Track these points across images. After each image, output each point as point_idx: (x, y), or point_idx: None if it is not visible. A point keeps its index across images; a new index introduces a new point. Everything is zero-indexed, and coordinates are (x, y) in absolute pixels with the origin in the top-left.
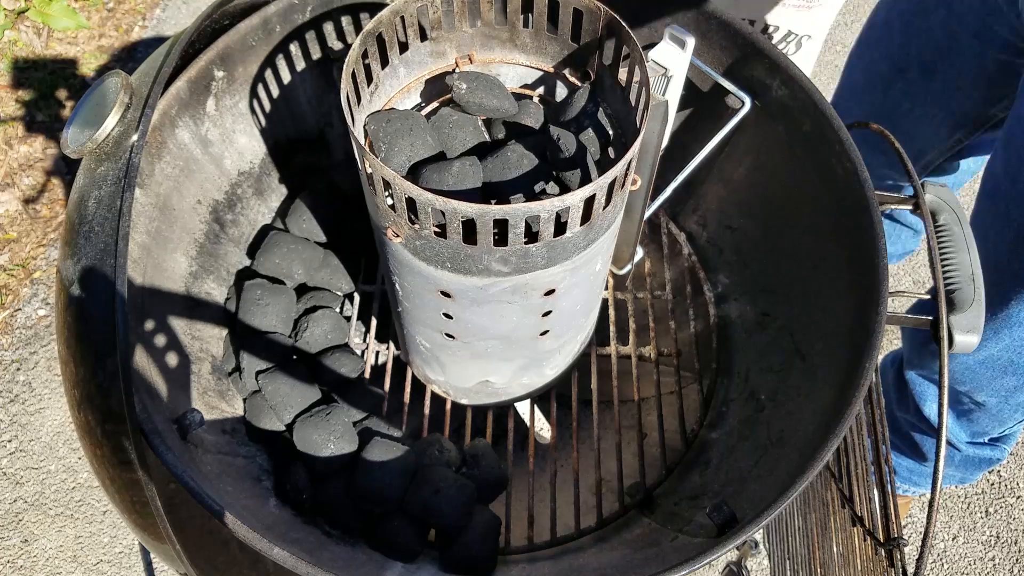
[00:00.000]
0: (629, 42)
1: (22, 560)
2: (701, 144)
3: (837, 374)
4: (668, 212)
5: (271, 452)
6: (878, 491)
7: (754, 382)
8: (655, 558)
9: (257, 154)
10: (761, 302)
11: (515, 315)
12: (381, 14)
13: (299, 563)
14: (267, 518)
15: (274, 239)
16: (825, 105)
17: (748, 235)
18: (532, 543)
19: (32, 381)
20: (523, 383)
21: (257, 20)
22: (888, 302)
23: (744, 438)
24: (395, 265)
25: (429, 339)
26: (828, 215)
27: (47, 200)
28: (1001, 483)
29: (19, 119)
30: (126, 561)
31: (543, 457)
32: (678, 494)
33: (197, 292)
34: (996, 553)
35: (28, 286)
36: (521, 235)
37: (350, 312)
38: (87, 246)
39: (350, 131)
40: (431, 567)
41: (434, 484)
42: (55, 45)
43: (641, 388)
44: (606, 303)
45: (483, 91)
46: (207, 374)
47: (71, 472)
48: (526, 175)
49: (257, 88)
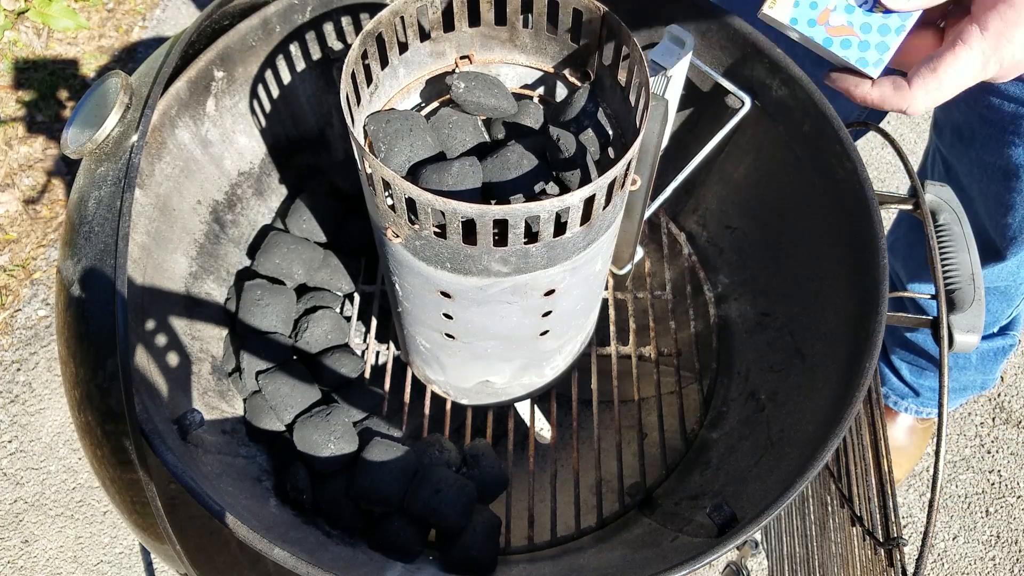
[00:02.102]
0: (629, 42)
1: (22, 560)
2: (701, 144)
3: (837, 374)
4: (668, 212)
5: (271, 452)
6: (877, 491)
7: (754, 382)
8: (655, 558)
9: (257, 154)
10: (761, 302)
11: (515, 315)
12: (381, 14)
13: (299, 563)
14: (267, 518)
15: (274, 239)
16: (825, 105)
17: (748, 235)
18: (532, 543)
19: (32, 381)
20: (523, 383)
21: (257, 20)
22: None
23: (744, 438)
24: (395, 265)
25: (429, 339)
26: (828, 215)
27: (47, 200)
28: (1001, 483)
29: (19, 119)
30: (126, 561)
31: (543, 457)
32: (678, 494)
33: (197, 292)
34: (996, 553)
35: (28, 286)
36: (521, 235)
37: (350, 312)
38: (87, 246)
39: (350, 132)
40: (431, 567)
41: (434, 484)
42: (55, 45)
43: (641, 388)
44: (606, 303)
45: (482, 91)
46: (207, 374)
47: (71, 472)
48: (526, 175)
49: (257, 88)
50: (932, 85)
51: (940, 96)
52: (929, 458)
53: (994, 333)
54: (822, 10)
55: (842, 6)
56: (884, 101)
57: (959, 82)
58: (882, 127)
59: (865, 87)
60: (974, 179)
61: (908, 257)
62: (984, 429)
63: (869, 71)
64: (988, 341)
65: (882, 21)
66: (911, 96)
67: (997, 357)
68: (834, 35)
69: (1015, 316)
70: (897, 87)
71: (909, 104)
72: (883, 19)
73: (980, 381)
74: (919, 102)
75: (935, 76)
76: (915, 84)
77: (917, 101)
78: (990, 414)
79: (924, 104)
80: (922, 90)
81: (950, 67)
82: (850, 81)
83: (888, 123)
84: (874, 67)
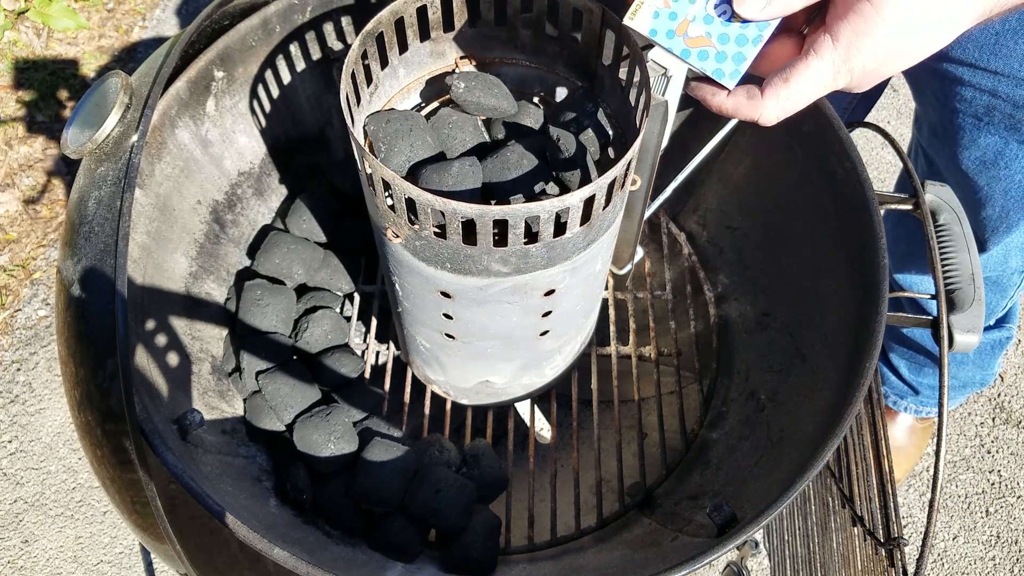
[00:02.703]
0: (629, 42)
1: (22, 560)
2: (701, 144)
3: (837, 374)
4: (668, 212)
5: (271, 452)
6: (878, 491)
7: (754, 382)
8: (655, 558)
9: (257, 154)
10: (761, 302)
11: (515, 315)
12: (381, 14)
13: (299, 563)
14: (267, 518)
15: (274, 239)
16: (825, 105)
17: (748, 235)
18: (532, 543)
19: (32, 381)
20: (523, 383)
21: (257, 20)
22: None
23: (744, 438)
24: (395, 265)
25: (429, 339)
26: (828, 215)
27: (47, 200)
28: (1001, 483)
29: (19, 119)
30: (126, 561)
31: (543, 457)
32: (678, 494)
33: (197, 292)
34: (996, 553)
35: (28, 286)
36: (521, 235)
37: (350, 312)
38: (87, 246)
39: (350, 132)
40: (431, 567)
41: (434, 484)
42: (55, 45)
43: (641, 388)
44: (606, 303)
45: (482, 91)
46: (207, 374)
47: (71, 472)
48: (526, 175)
49: (257, 88)
50: (783, 95)
51: (792, 106)
52: (929, 458)
53: (990, 326)
54: (680, 21)
55: (701, 17)
56: (738, 111)
57: (810, 92)
58: (882, 127)
59: (720, 97)
60: (951, 172)
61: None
62: (984, 429)
63: (725, 82)
64: (985, 334)
65: (739, 32)
66: (762, 106)
67: (995, 351)
68: (692, 46)
69: (1011, 308)
70: (751, 97)
71: (760, 114)
72: (740, 30)
73: (979, 377)
74: (770, 112)
75: (786, 86)
76: (767, 94)
77: (768, 111)
78: (990, 414)
79: (775, 114)
80: (773, 100)
81: (801, 76)
82: (707, 90)
83: (888, 123)
84: (730, 78)
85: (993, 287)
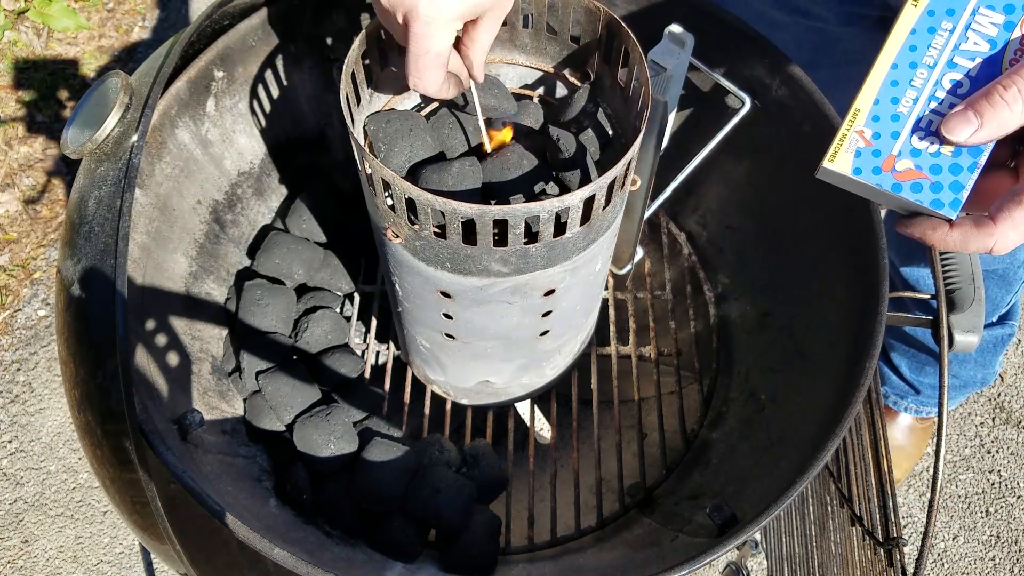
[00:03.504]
0: (629, 42)
1: (22, 560)
2: (701, 144)
3: (837, 374)
4: (668, 212)
5: (271, 452)
6: (877, 491)
7: (754, 382)
8: (655, 558)
9: (257, 154)
10: (761, 302)
11: (515, 315)
12: None
13: (299, 563)
14: (267, 518)
15: (274, 239)
16: (825, 105)
17: (748, 235)
18: (532, 543)
19: (32, 381)
20: (523, 383)
21: (257, 20)
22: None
23: (744, 438)
24: (395, 265)
25: (429, 339)
26: (828, 215)
27: (47, 200)
28: (1001, 483)
29: (19, 119)
30: (126, 561)
31: (543, 457)
32: (678, 494)
33: (197, 292)
34: (996, 553)
35: (28, 286)
36: (521, 235)
37: (350, 312)
38: (87, 246)
39: (350, 132)
40: (431, 567)
41: (434, 484)
42: (55, 45)
43: (641, 388)
44: (606, 303)
45: (482, 91)
46: (207, 374)
47: (71, 472)
48: (526, 175)
49: (257, 88)
50: (1019, 217)
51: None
52: (929, 458)
53: (993, 323)
54: (886, 157)
55: (907, 150)
56: (967, 242)
57: None
58: None
59: (943, 230)
60: None
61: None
62: (984, 429)
63: (946, 212)
64: (987, 331)
65: (952, 161)
66: (998, 231)
67: (996, 348)
68: (903, 180)
69: (1013, 304)
70: (980, 224)
71: (996, 240)
72: (952, 158)
73: (980, 376)
74: (1007, 238)
75: (1022, 208)
76: (1001, 218)
77: (1006, 237)
78: (990, 414)
79: (1014, 240)
80: (1008, 223)
81: None
82: (926, 225)
83: None
84: (951, 208)
85: (999, 281)
